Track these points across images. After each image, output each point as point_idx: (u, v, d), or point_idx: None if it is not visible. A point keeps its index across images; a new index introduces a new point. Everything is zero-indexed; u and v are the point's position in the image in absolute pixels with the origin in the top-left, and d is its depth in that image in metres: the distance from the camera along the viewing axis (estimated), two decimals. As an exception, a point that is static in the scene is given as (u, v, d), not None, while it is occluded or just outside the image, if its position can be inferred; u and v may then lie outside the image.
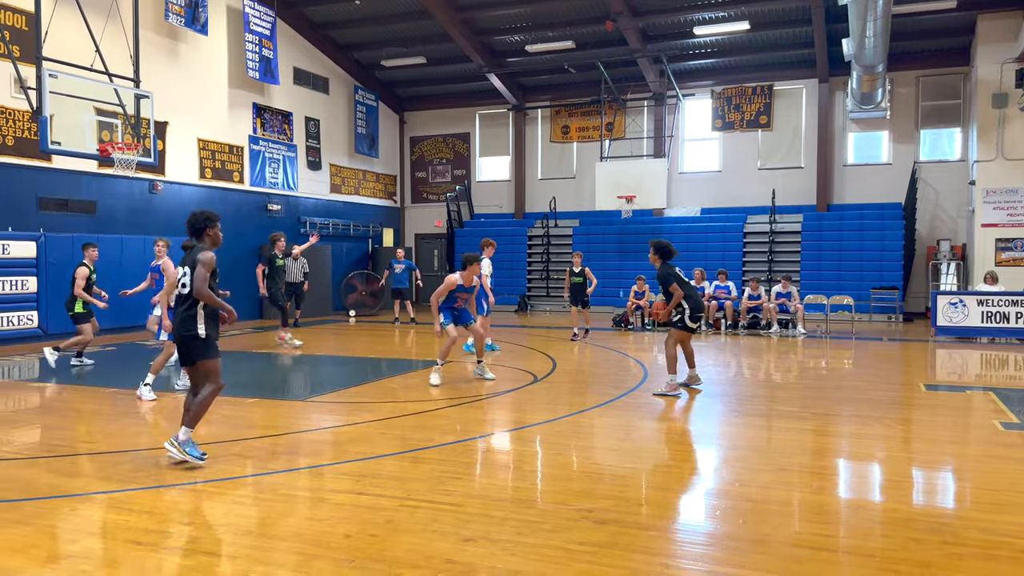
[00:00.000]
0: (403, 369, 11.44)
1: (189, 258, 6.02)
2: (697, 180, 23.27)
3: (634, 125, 23.57)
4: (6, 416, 8.29)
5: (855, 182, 21.68)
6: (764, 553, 4.25)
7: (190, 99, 17.90)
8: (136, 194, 16.70)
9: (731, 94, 22.55)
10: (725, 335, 16.17)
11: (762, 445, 6.92)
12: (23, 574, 3.99)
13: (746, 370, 11.79)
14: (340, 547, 4.33)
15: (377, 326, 18.43)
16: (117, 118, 14.14)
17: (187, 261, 6.03)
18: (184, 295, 5.99)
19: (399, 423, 7.59)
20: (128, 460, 6.39)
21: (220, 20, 18.84)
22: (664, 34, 21.13)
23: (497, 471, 6.16)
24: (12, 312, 13.70)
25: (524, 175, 25.11)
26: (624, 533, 4.53)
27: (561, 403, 8.68)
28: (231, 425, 7.56)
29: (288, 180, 21.15)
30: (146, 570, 4.05)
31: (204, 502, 5.29)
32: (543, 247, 23.58)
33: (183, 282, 5.99)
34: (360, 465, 6.01)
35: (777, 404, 8.83)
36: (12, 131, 14.12)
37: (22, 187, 14.36)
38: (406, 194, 26.92)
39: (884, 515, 4.99)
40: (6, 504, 5.13)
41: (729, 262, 20.26)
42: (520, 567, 4.04)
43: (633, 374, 10.77)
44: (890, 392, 9.73)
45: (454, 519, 4.77)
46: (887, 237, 20.13)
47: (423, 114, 26.50)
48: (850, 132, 21.76)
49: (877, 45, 15.74)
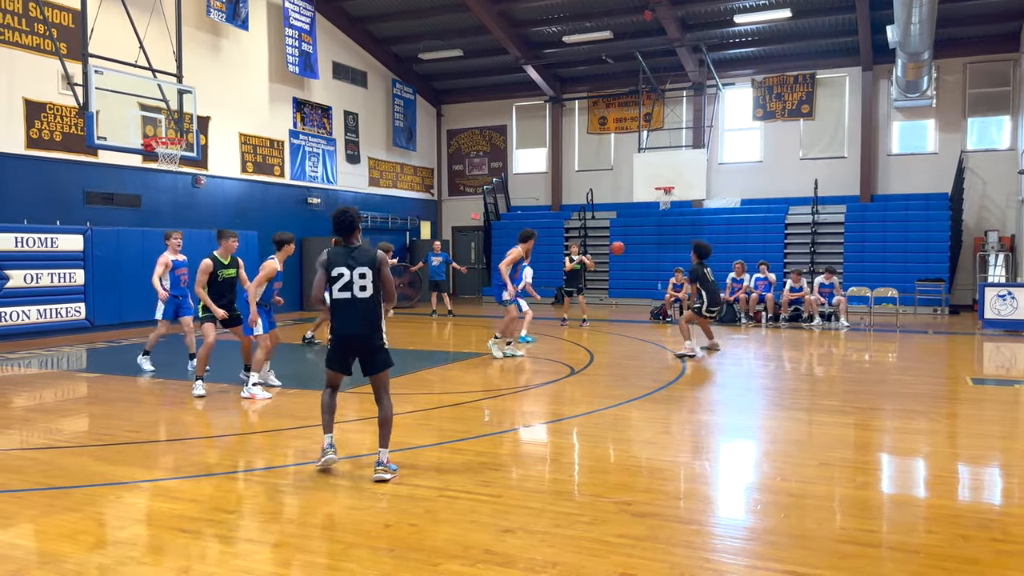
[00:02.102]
0: (440, 361, 11.50)
1: (364, 257, 5.47)
2: (737, 171, 22.98)
3: (673, 115, 23.34)
4: (56, 405, 8.51)
5: (900, 172, 21.23)
6: (807, 548, 4.19)
7: (231, 94, 18.14)
8: (179, 188, 16.98)
9: (772, 83, 22.21)
10: (766, 328, 15.97)
11: (803, 439, 6.82)
12: (73, 559, 4.09)
13: (787, 363, 11.64)
14: (380, 536, 4.37)
15: (414, 318, 18.53)
16: (161, 113, 14.39)
17: (362, 261, 5.46)
18: (362, 298, 5.46)
19: (437, 414, 7.63)
20: (173, 449, 6.52)
21: (260, 15, 19.05)
22: (704, 23, 20.87)
23: (535, 463, 6.16)
24: (60, 304, 14.03)
25: (561, 167, 25.02)
26: (664, 526, 4.51)
27: (599, 396, 8.65)
28: (274, 415, 7.67)
29: (327, 174, 21.34)
30: (191, 557, 4.12)
31: (247, 490, 5.38)
32: (580, 239, 23.49)
33: (362, 284, 5.45)
34: (399, 456, 6.05)
35: (819, 398, 8.70)
36: (60, 127, 14.45)
37: (69, 182, 14.68)
38: (443, 187, 27.01)
39: (930, 511, 4.90)
40: (57, 491, 5.27)
41: (770, 254, 19.99)
42: (558, 559, 4.03)
43: (671, 367, 10.69)
44: (935, 386, 9.53)
45: (492, 510, 4.78)
46: (933, 228, 19.69)
47: (460, 107, 26.54)
48: (895, 121, 21.30)
49: (923, 32, 15.37)
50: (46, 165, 14.24)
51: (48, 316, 13.82)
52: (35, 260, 13.59)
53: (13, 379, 10.34)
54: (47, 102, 14.22)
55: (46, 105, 14.20)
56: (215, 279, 8.54)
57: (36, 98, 14.06)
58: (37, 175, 14.11)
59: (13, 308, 13.27)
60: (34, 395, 9.04)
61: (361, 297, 5.48)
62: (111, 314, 14.79)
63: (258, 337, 8.66)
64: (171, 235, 10.60)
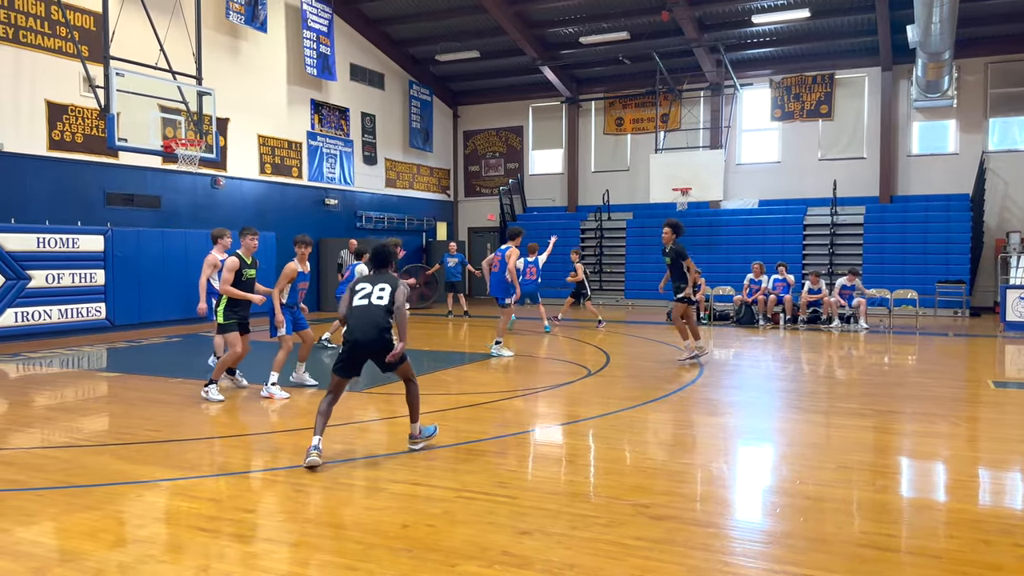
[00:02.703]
0: (456, 362, 11.52)
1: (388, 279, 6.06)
2: (755, 171, 22.86)
3: (690, 116, 23.26)
4: (76, 405, 8.59)
5: (920, 173, 21.05)
6: (826, 552, 4.16)
7: (250, 96, 18.26)
8: (199, 189, 17.12)
9: (791, 83, 22.09)
10: (784, 330, 15.88)
11: (821, 442, 6.78)
12: (94, 557, 4.13)
13: (805, 366, 11.57)
14: (398, 536, 4.38)
15: (430, 319, 18.57)
16: (180, 115, 14.51)
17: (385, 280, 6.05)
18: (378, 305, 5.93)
19: (453, 415, 7.64)
20: (192, 448, 6.56)
21: (279, 17, 19.16)
22: (721, 23, 20.79)
23: (551, 464, 6.15)
24: (81, 304, 14.18)
25: (577, 168, 25.00)
26: (681, 529, 4.49)
27: (615, 397, 8.63)
28: (290, 414, 7.71)
29: (345, 175, 21.43)
30: (210, 556, 4.15)
31: (265, 490, 5.41)
32: (596, 240, 23.46)
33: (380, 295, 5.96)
34: (416, 456, 6.07)
35: (837, 401, 8.64)
36: (81, 129, 14.60)
37: (90, 183, 14.84)
38: (459, 188, 27.06)
39: (950, 515, 4.85)
40: (77, 489, 5.32)
41: (789, 255, 19.88)
42: (575, 561, 4.03)
43: (688, 369, 10.65)
44: (956, 389, 9.43)
45: (509, 511, 4.78)
46: (953, 229, 19.51)
47: (476, 108, 26.58)
48: (915, 121, 21.12)
49: (944, 31, 15.23)
50: (68, 166, 14.39)
51: (69, 316, 13.97)
52: (57, 260, 13.74)
53: (35, 378, 10.45)
54: (69, 104, 14.38)
55: (68, 107, 14.36)
56: (238, 279, 8.40)
57: (58, 100, 14.22)
58: (59, 176, 14.27)
59: (35, 308, 13.42)
60: (55, 394, 9.13)
61: (377, 304, 5.94)
62: (131, 314, 14.92)
63: (281, 338, 8.67)
64: (224, 234, 10.14)
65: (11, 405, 8.55)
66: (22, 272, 13.20)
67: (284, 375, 9.01)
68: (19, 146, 13.63)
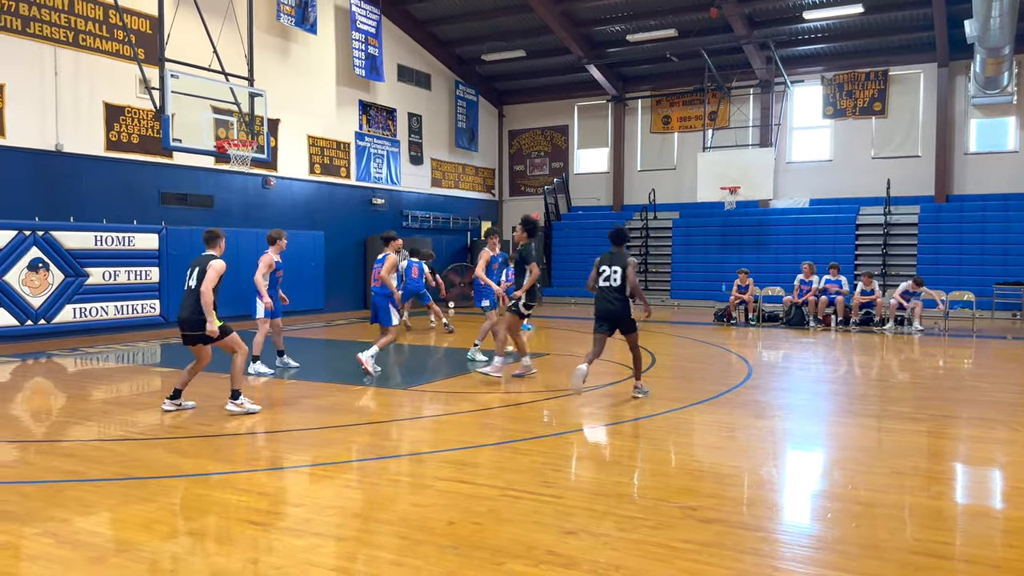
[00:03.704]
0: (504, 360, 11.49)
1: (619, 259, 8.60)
2: (806, 170, 22.47)
3: (739, 114, 22.96)
4: (131, 399, 8.82)
5: (977, 171, 20.46)
6: (879, 559, 4.07)
7: (300, 97, 18.52)
8: (250, 189, 17.41)
9: (843, 80, 21.65)
10: (836, 332, 15.58)
11: (873, 447, 6.64)
12: (148, 548, 4.23)
13: (857, 368, 11.34)
14: (444, 533, 4.40)
15: (472, 317, 18.62)
16: (232, 116, 14.77)
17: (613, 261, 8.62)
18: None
19: (498, 413, 7.66)
20: (243, 443, 6.68)
21: (328, 19, 19.39)
22: (771, 19, 20.47)
23: (597, 465, 6.13)
24: (136, 300, 14.53)
25: (623, 167, 24.85)
26: (730, 533, 4.44)
27: (661, 398, 8.55)
28: (339, 411, 7.80)
29: (391, 175, 21.61)
30: (259, 549, 4.22)
31: (314, 485, 5.49)
32: (642, 240, 23.29)
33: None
34: (462, 454, 6.10)
35: (890, 404, 8.45)
36: (137, 129, 14.96)
37: (146, 182, 15.20)
38: (504, 187, 27.10)
39: (1008, 524, 4.71)
40: (134, 481, 5.46)
41: (840, 255, 19.51)
42: (622, 562, 4.00)
43: (736, 370, 10.52)
44: (1015, 394, 9.15)
45: (555, 511, 4.78)
46: (1012, 229, 18.93)
47: (522, 107, 26.59)
48: (972, 118, 20.54)
49: (1004, 25, 14.79)
50: (124, 166, 14.76)
51: (124, 312, 14.33)
52: (113, 258, 14.11)
53: (92, 373, 10.75)
54: (125, 106, 14.74)
55: (124, 108, 14.73)
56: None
57: (115, 102, 14.59)
58: (115, 176, 14.64)
59: (92, 304, 13.80)
60: (111, 388, 9.39)
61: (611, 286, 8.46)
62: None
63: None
64: (281, 235, 10.23)
65: (69, 399, 8.81)
66: (80, 269, 13.59)
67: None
68: (77, 147, 14.02)
